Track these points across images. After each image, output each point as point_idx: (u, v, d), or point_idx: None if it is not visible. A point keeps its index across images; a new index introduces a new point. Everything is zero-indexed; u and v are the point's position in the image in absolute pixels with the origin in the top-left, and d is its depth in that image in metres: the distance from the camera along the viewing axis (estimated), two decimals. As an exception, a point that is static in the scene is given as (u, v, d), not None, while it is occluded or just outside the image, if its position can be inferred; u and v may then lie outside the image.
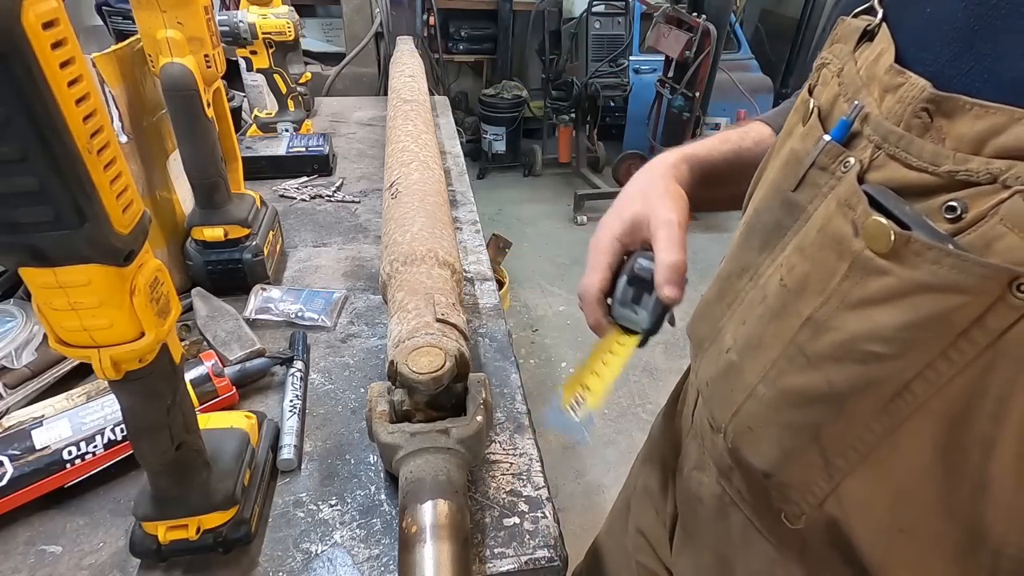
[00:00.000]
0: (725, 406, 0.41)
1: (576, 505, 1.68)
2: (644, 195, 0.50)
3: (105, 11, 1.56)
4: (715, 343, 0.43)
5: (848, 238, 0.31)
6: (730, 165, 0.55)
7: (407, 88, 1.13)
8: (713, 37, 2.54)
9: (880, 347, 0.30)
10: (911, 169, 0.30)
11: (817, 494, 0.36)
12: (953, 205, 0.28)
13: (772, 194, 0.39)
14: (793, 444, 0.36)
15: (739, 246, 0.43)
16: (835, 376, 0.32)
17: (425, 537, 0.41)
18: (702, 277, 3.02)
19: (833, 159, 0.34)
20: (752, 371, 0.38)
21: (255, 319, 0.73)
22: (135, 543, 0.44)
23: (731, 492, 0.45)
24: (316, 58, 2.73)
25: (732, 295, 0.42)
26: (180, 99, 0.67)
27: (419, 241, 0.64)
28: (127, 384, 0.35)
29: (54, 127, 0.25)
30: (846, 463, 0.34)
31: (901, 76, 0.31)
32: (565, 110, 3.36)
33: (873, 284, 0.30)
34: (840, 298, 0.32)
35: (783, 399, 0.36)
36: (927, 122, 0.29)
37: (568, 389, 0.48)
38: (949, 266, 0.27)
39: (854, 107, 0.33)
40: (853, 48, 0.36)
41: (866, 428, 0.32)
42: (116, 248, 0.30)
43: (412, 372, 0.48)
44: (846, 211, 0.31)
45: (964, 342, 0.28)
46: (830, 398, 0.33)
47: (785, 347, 0.35)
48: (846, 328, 0.31)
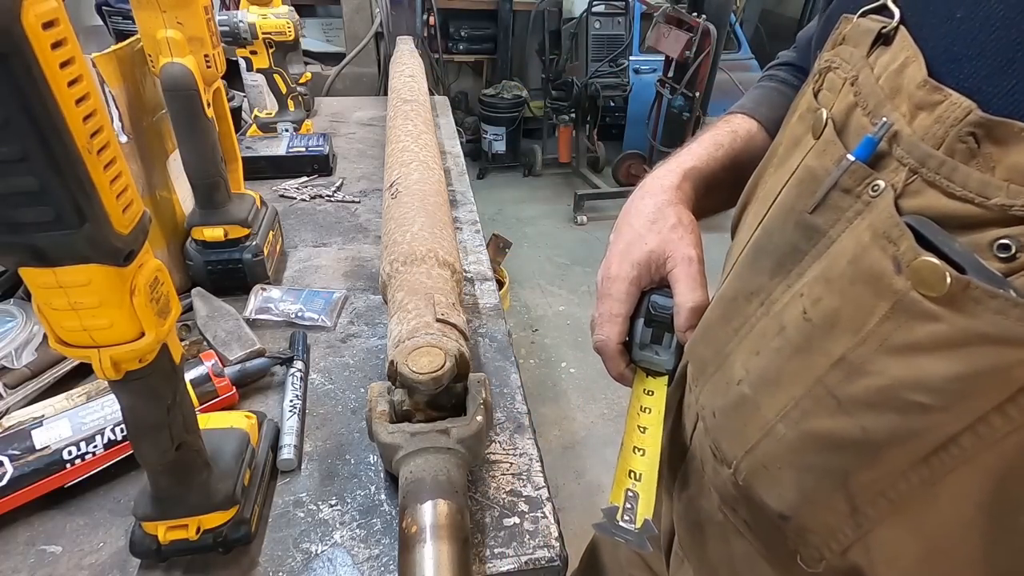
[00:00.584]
0: (736, 442, 0.39)
1: (576, 505, 1.68)
2: (656, 228, 0.48)
3: (105, 11, 1.56)
4: (721, 370, 0.41)
5: (888, 275, 0.28)
6: (727, 171, 0.53)
7: (407, 88, 1.13)
8: (713, 37, 2.54)
9: (926, 398, 0.27)
10: (953, 198, 0.27)
11: (842, 541, 0.33)
12: (1007, 243, 0.25)
13: (785, 214, 0.36)
14: (816, 488, 0.34)
15: (746, 267, 0.40)
16: (871, 424, 0.30)
17: (425, 537, 0.41)
18: (702, 277, 2.98)
19: (859, 181, 0.31)
20: (770, 408, 0.35)
21: (255, 319, 0.73)
22: (135, 543, 0.44)
23: (736, 521, 0.43)
24: (316, 58, 2.73)
25: (740, 320, 0.39)
26: (180, 99, 0.67)
27: (419, 241, 0.64)
28: (127, 384, 0.35)
29: (54, 127, 0.25)
30: (876, 512, 0.31)
31: (939, 93, 0.28)
32: (565, 110, 3.36)
33: (921, 329, 0.27)
34: (879, 340, 0.29)
35: (807, 442, 0.33)
36: (973, 148, 0.27)
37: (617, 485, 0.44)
38: (1016, 317, 0.24)
39: (882, 124, 0.30)
40: (867, 52, 0.32)
41: (902, 478, 0.30)
42: (116, 248, 0.30)
43: (412, 372, 0.48)
44: (885, 244, 0.28)
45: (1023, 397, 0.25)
46: (863, 446, 0.30)
47: (811, 387, 0.32)
48: (887, 374, 0.29)
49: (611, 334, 0.49)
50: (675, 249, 0.47)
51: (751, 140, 0.54)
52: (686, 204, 0.50)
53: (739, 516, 0.42)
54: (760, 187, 0.42)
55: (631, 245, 0.49)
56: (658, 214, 0.49)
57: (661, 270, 0.48)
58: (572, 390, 2.07)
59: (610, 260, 0.50)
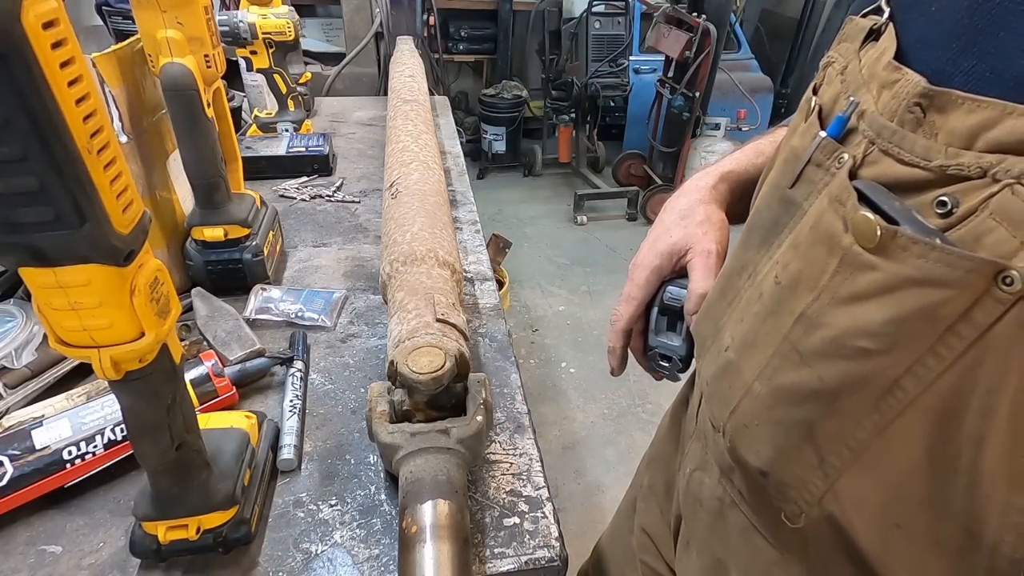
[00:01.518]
0: (724, 405, 0.41)
1: (576, 505, 1.68)
2: (683, 223, 0.51)
3: (105, 11, 1.56)
4: (716, 342, 0.44)
5: (839, 234, 0.31)
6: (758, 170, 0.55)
7: (407, 88, 1.13)
8: (713, 37, 2.54)
9: (868, 343, 0.30)
10: (903, 164, 0.30)
11: (814, 492, 0.36)
12: (944, 200, 0.28)
13: (771, 191, 0.39)
14: (787, 442, 0.36)
15: (740, 245, 0.43)
16: (826, 373, 0.32)
17: (425, 537, 0.41)
18: (702, 277, 2.98)
19: (828, 155, 0.34)
20: (749, 369, 0.38)
21: (255, 319, 0.73)
22: (135, 543, 0.44)
23: (732, 493, 0.45)
24: (316, 58, 2.73)
25: (732, 293, 0.42)
26: (180, 99, 0.67)
27: (419, 241, 0.64)
28: (127, 384, 0.35)
29: (54, 127, 0.25)
30: (840, 461, 0.34)
31: (898, 72, 0.31)
32: (565, 110, 3.36)
33: (861, 279, 0.30)
34: (831, 294, 0.32)
35: (778, 397, 0.36)
36: (920, 117, 0.29)
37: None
38: (935, 260, 0.27)
39: (850, 103, 0.33)
40: (859, 47, 0.36)
41: (858, 425, 0.32)
42: (116, 248, 0.30)
43: (412, 372, 0.48)
44: (837, 207, 0.31)
45: (951, 337, 0.27)
46: (822, 395, 0.33)
47: (779, 344, 0.35)
48: (836, 324, 0.31)
49: (624, 313, 0.53)
50: (696, 242, 0.50)
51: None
52: (719, 204, 0.52)
53: (734, 487, 0.44)
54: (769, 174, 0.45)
55: (659, 237, 0.52)
56: (689, 211, 0.52)
57: (682, 260, 0.50)
58: (572, 390, 2.07)
59: (640, 250, 0.54)
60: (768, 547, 0.42)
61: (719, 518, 0.46)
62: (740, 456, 0.40)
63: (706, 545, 0.48)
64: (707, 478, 0.48)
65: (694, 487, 0.50)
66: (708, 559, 0.48)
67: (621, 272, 2.28)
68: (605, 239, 3.02)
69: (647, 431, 1.88)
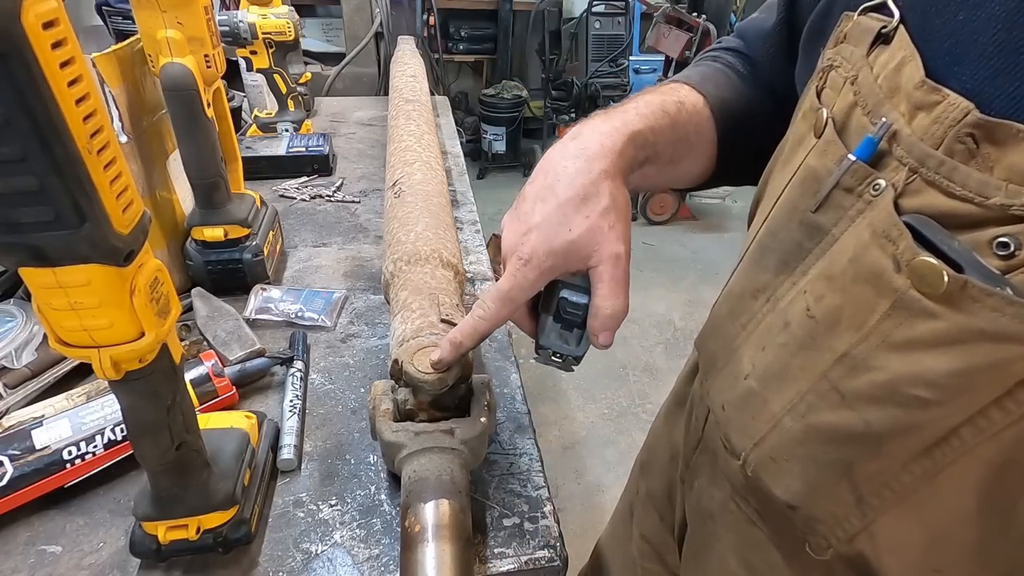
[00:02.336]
0: (745, 434, 0.39)
1: (576, 505, 1.68)
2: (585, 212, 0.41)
3: (105, 11, 1.56)
4: (729, 365, 0.42)
5: (888, 273, 0.29)
6: (669, 144, 0.48)
7: (409, 88, 1.13)
8: (713, 37, 2.55)
9: (927, 392, 0.28)
10: (953, 198, 0.28)
11: (848, 530, 0.34)
12: (1006, 241, 0.26)
13: (788, 213, 0.37)
14: (821, 479, 0.35)
15: (752, 265, 0.40)
16: (873, 417, 0.31)
17: (427, 537, 0.41)
18: (702, 277, 3.00)
19: (860, 181, 0.31)
20: (777, 402, 0.36)
21: (255, 319, 0.73)
22: (135, 543, 0.44)
23: (747, 511, 0.44)
24: (316, 58, 2.73)
25: (747, 316, 0.40)
26: (180, 99, 0.67)
27: (423, 241, 0.64)
28: (127, 384, 0.35)
29: (54, 127, 0.25)
30: (880, 502, 0.32)
31: (937, 94, 0.28)
32: (565, 110, 3.37)
33: (921, 327, 0.28)
34: (881, 337, 0.30)
35: (812, 435, 0.34)
36: (972, 148, 0.27)
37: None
38: (1011, 315, 0.25)
39: (881, 125, 0.30)
40: (866, 52, 0.33)
41: (904, 469, 0.31)
42: (116, 248, 0.30)
43: (418, 371, 0.47)
44: (884, 243, 0.29)
45: (1022, 392, 0.26)
46: (867, 438, 0.31)
47: (815, 382, 0.33)
48: (889, 369, 0.29)
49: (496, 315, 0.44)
50: (601, 244, 0.41)
51: (697, 115, 0.50)
52: (624, 176, 0.44)
53: (750, 505, 0.43)
54: (768, 184, 0.43)
55: (554, 227, 0.41)
56: (590, 189, 0.41)
57: (582, 264, 0.42)
58: (572, 390, 2.07)
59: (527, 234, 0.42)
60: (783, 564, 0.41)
61: (732, 531, 0.45)
62: (764, 487, 0.38)
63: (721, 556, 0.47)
64: (718, 492, 0.47)
65: (704, 501, 0.49)
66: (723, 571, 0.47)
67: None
68: (605, 239, 3.02)
69: (647, 431, 1.87)
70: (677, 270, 2.78)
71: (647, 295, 2.57)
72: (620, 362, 2.20)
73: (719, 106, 0.51)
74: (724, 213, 3.31)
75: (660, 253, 2.92)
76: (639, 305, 2.50)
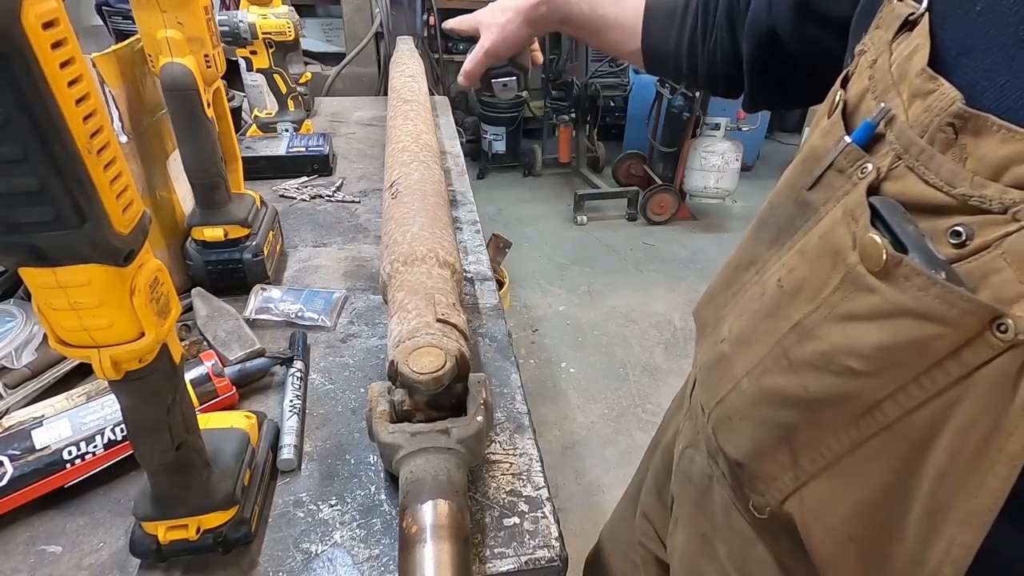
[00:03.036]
0: (712, 393, 0.42)
1: (576, 505, 1.68)
2: (489, 13, 0.69)
3: (105, 11, 1.56)
4: (715, 331, 0.44)
5: (845, 249, 0.30)
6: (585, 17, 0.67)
7: (407, 88, 1.13)
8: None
9: (857, 363, 0.30)
10: (927, 185, 0.29)
11: (782, 490, 0.36)
12: (959, 230, 0.27)
13: (788, 190, 0.38)
14: (765, 440, 0.37)
15: (750, 238, 0.43)
16: (812, 384, 0.33)
17: (425, 537, 0.41)
18: (702, 277, 3.01)
19: (852, 163, 0.32)
20: (740, 365, 0.39)
21: (255, 319, 0.73)
22: (135, 543, 0.44)
23: (716, 472, 0.46)
24: (316, 58, 2.73)
25: (738, 285, 0.42)
26: (180, 99, 0.67)
27: (419, 241, 0.64)
28: (127, 384, 0.35)
29: (54, 127, 0.25)
30: (812, 466, 0.34)
31: (933, 82, 0.29)
32: (565, 110, 3.36)
33: (860, 300, 0.30)
34: (828, 309, 0.31)
35: (762, 397, 0.36)
36: (951, 138, 0.28)
37: None
38: (934, 295, 0.26)
39: (880, 110, 0.31)
40: (891, 37, 0.33)
41: (834, 437, 0.32)
42: (116, 248, 0.30)
43: (413, 372, 0.48)
44: (849, 221, 0.31)
45: (938, 371, 0.27)
46: (805, 403, 0.33)
47: (772, 348, 0.35)
48: (829, 339, 0.31)
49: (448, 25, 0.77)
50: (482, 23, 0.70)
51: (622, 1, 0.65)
52: (528, 19, 0.67)
53: (719, 467, 0.45)
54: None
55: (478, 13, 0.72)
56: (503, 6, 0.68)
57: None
58: (572, 390, 2.07)
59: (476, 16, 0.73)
60: (747, 526, 0.43)
61: (706, 494, 0.47)
62: (720, 444, 0.41)
63: (692, 521, 0.49)
64: (697, 456, 0.49)
65: (684, 464, 0.51)
66: (695, 534, 0.49)
67: (621, 272, 2.28)
68: (605, 239, 3.02)
69: (647, 431, 1.88)
70: (677, 270, 2.78)
71: (647, 295, 2.57)
72: (620, 362, 2.20)
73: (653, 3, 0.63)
74: (724, 213, 3.31)
75: (660, 253, 2.92)
76: (639, 305, 2.51)
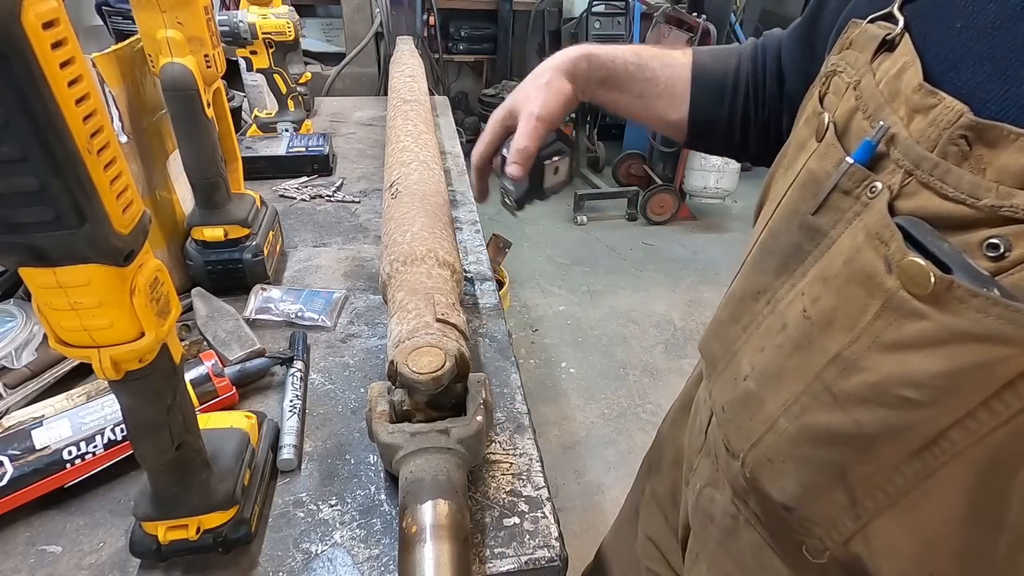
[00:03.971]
0: (743, 435, 0.40)
1: (576, 505, 1.68)
2: (526, 86, 0.58)
3: (105, 11, 1.56)
4: (730, 366, 0.42)
5: (879, 274, 0.29)
6: (631, 76, 0.59)
7: (407, 88, 1.13)
8: (713, 37, 2.54)
9: (915, 393, 0.28)
10: (947, 200, 0.28)
11: (843, 532, 0.34)
12: (995, 243, 0.26)
13: (789, 216, 0.37)
14: (815, 481, 0.35)
15: (753, 267, 0.41)
16: (864, 418, 0.31)
17: (425, 537, 0.41)
18: (702, 277, 3.00)
19: (858, 183, 0.32)
20: (773, 403, 0.36)
21: (255, 319, 0.73)
22: (135, 543, 0.44)
23: (746, 513, 0.44)
24: (316, 58, 2.73)
25: (748, 318, 0.40)
26: (180, 99, 0.67)
27: (419, 241, 0.64)
28: (127, 384, 0.35)
29: (54, 127, 0.25)
30: (874, 504, 0.32)
31: (933, 97, 0.29)
32: (565, 110, 3.35)
33: (909, 327, 0.28)
34: (871, 338, 0.30)
35: (806, 435, 0.34)
36: (965, 150, 0.27)
37: None
38: (996, 316, 0.25)
39: (879, 128, 0.31)
40: (870, 58, 0.33)
41: (896, 472, 0.31)
42: (116, 248, 0.30)
43: (412, 372, 0.48)
44: (877, 245, 0.29)
45: (1009, 394, 0.26)
46: (858, 439, 0.31)
47: (809, 383, 0.33)
48: (878, 370, 0.30)
49: (477, 152, 0.62)
50: (525, 103, 0.56)
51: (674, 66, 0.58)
52: (569, 75, 0.57)
53: (750, 509, 0.43)
54: (771, 188, 0.43)
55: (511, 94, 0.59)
56: (539, 72, 0.58)
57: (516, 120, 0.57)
58: (572, 390, 2.07)
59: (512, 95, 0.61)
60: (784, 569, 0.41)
61: (731, 535, 0.45)
62: (762, 488, 0.39)
63: (717, 561, 0.48)
64: (718, 495, 0.47)
65: (704, 503, 0.49)
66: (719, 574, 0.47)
67: (621, 272, 2.29)
68: (605, 239, 3.02)
69: (647, 431, 1.88)
70: (677, 270, 2.78)
71: (647, 295, 2.57)
72: (620, 362, 2.20)
73: (700, 66, 0.58)
74: (724, 213, 3.31)
75: (660, 253, 2.92)
76: (639, 305, 2.51)
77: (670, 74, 0.58)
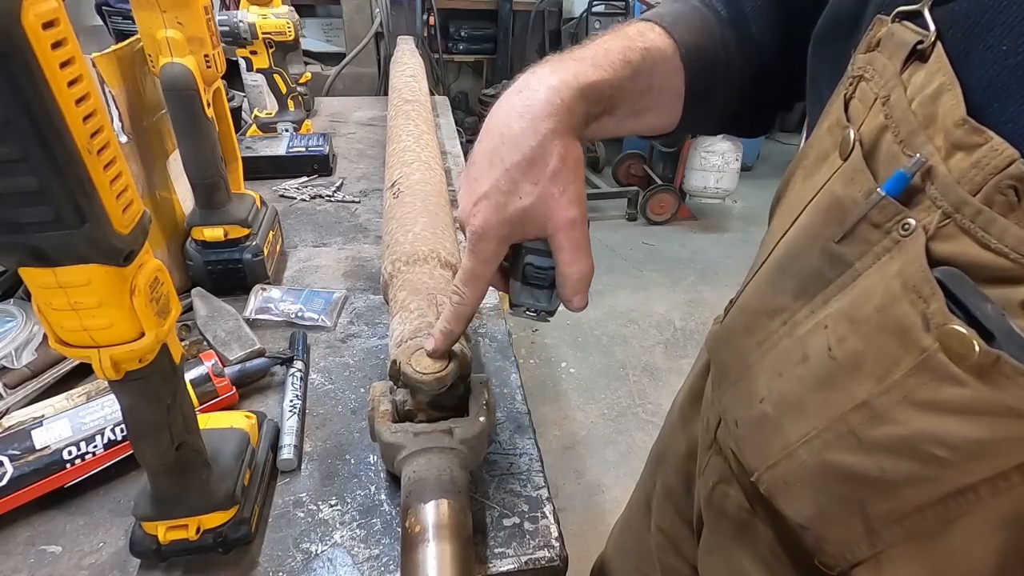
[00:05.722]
0: (759, 457, 0.39)
1: (576, 505, 1.68)
2: (533, 178, 0.39)
3: (105, 11, 1.56)
4: (743, 380, 0.41)
5: (916, 330, 0.27)
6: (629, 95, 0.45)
7: (408, 88, 1.13)
8: (713, 37, 2.54)
9: (946, 453, 0.27)
10: (987, 250, 0.26)
11: (856, 555, 0.34)
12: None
13: (811, 239, 0.35)
14: (833, 508, 0.34)
15: (770, 284, 0.39)
16: (890, 466, 0.30)
17: (428, 537, 0.41)
18: (702, 277, 2.99)
19: (889, 217, 0.29)
20: (792, 433, 0.36)
21: (255, 319, 0.73)
22: (135, 543, 0.44)
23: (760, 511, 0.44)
24: (316, 58, 2.73)
25: (763, 335, 0.39)
26: (180, 99, 0.67)
27: (421, 241, 0.64)
28: (127, 384, 0.35)
29: (54, 127, 0.25)
30: (891, 536, 0.32)
31: (979, 135, 0.26)
32: (565, 110, 3.36)
33: (946, 392, 0.27)
34: (903, 392, 0.29)
35: (827, 470, 0.34)
36: (1013, 201, 0.25)
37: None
38: None
39: (915, 161, 0.28)
40: (900, 68, 0.30)
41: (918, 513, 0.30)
42: (116, 248, 0.30)
43: (416, 372, 0.47)
44: (915, 299, 0.27)
45: None
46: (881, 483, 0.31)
47: (833, 422, 0.33)
48: (909, 425, 0.29)
49: (471, 298, 0.44)
50: (554, 210, 0.40)
51: (664, 63, 0.47)
52: (574, 133, 0.41)
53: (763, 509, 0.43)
54: (789, 190, 0.41)
55: (504, 196, 0.40)
56: (537, 152, 0.39)
57: (539, 231, 0.41)
58: (572, 390, 2.07)
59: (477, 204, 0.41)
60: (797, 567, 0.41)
61: (744, 528, 0.45)
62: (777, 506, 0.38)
63: (731, 554, 0.47)
64: (732, 491, 0.47)
65: (717, 499, 0.48)
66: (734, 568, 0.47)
67: (621, 272, 2.28)
68: (605, 239, 3.02)
69: (647, 431, 1.88)
70: (677, 270, 2.78)
71: (647, 295, 2.57)
72: (620, 362, 2.20)
73: (691, 57, 0.47)
74: (724, 213, 3.31)
75: (660, 253, 2.92)
76: (639, 305, 2.50)
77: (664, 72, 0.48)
